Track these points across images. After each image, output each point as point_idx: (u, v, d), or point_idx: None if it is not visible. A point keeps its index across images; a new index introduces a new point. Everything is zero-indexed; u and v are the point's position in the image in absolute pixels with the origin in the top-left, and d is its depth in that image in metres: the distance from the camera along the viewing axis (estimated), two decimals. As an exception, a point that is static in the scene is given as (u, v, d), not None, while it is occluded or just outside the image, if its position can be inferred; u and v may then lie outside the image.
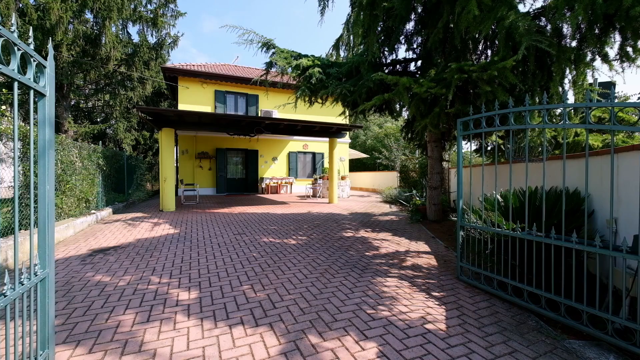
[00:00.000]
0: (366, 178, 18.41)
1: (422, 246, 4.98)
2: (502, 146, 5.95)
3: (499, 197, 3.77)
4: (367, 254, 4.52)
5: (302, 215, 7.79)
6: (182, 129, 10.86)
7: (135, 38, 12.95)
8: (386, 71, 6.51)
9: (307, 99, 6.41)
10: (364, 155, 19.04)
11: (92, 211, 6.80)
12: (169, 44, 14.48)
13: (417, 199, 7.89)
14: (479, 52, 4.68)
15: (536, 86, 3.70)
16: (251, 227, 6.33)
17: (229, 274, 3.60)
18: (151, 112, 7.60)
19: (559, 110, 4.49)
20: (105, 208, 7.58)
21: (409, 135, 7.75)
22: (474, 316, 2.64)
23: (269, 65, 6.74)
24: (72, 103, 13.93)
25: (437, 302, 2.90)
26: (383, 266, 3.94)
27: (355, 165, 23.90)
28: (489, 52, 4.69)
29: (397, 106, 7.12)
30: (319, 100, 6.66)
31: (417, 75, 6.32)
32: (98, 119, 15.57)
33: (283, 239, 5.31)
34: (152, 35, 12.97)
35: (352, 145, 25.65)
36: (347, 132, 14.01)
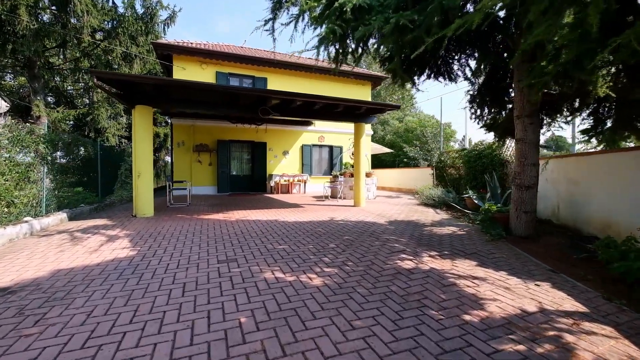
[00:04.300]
0: (389, 176, 15.97)
1: (557, 295, 2.67)
2: None
3: None
4: (466, 317, 2.25)
5: (324, 225, 5.56)
6: (164, 107, 8.78)
7: (122, 10, 10.94)
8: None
9: (335, 46, 4.13)
10: (388, 150, 16.61)
11: (26, 218, 4.77)
12: (165, 19, 12.47)
13: (492, 204, 5.50)
14: None
15: None
16: (250, 246, 4.15)
17: (166, 409, 1.40)
18: (115, 80, 5.40)
19: None
20: (55, 213, 5.55)
21: (479, 112, 5.40)
22: None
23: (278, 3, 4.51)
24: (51, 86, 12.09)
25: None
26: (538, 372, 1.67)
27: (372, 162, 21.47)
28: None
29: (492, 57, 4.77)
30: (352, 53, 4.38)
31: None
32: (81, 105, 13.71)
33: (299, 274, 3.09)
34: (141, 5, 10.96)
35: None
36: (377, 117, 11.65)
